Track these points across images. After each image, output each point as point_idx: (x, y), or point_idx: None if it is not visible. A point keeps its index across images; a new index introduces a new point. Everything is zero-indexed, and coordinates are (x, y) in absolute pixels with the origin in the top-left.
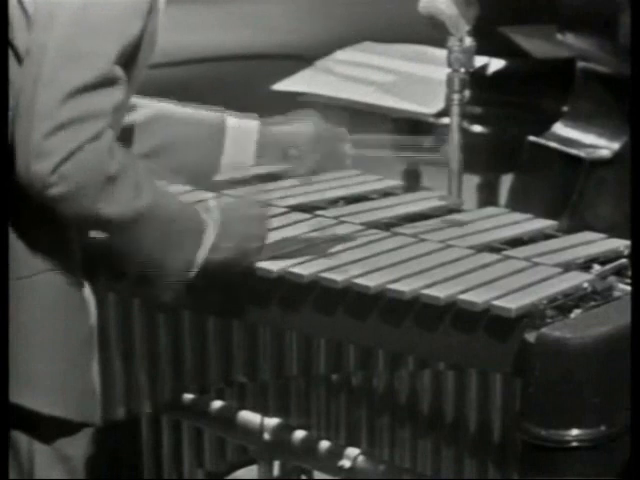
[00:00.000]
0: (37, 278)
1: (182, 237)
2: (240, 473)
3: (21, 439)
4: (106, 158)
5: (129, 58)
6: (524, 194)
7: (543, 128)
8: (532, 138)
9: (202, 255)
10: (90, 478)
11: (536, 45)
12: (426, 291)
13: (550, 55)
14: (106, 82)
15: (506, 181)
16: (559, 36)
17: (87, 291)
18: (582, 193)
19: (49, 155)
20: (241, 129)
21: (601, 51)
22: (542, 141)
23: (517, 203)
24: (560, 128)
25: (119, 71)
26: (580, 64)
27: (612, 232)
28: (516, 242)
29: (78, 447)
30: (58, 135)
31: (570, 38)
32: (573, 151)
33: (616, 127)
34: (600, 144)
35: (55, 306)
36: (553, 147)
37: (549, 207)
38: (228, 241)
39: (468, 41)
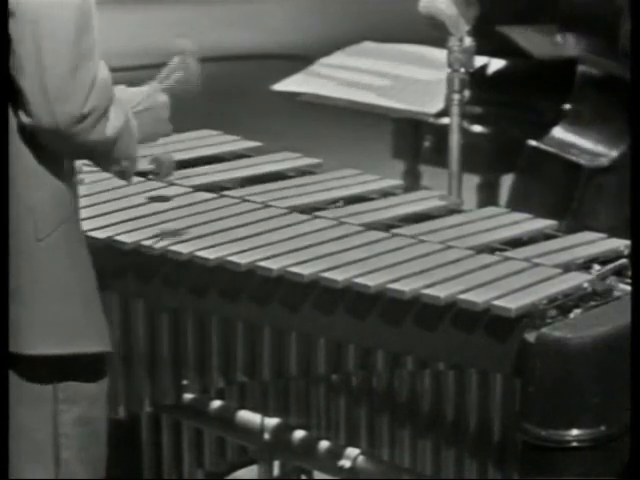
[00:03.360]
0: (57, 233)
1: (132, 127)
2: (240, 473)
3: (45, 407)
4: (109, 82)
5: None
6: (524, 198)
7: (543, 129)
8: (532, 142)
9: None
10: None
11: (536, 45)
12: (426, 291)
13: (550, 55)
14: (90, 19)
15: (506, 181)
16: (559, 37)
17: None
18: (581, 200)
19: (73, 95)
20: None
21: (601, 54)
22: (542, 146)
23: (517, 207)
24: (560, 132)
25: (93, 6)
26: (580, 67)
27: (612, 237)
28: (516, 242)
29: (99, 408)
30: (76, 75)
31: (570, 40)
32: (572, 157)
33: (615, 133)
34: (599, 151)
35: (75, 253)
36: (552, 152)
37: (549, 211)
38: (147, 128)
39: (468, 41)
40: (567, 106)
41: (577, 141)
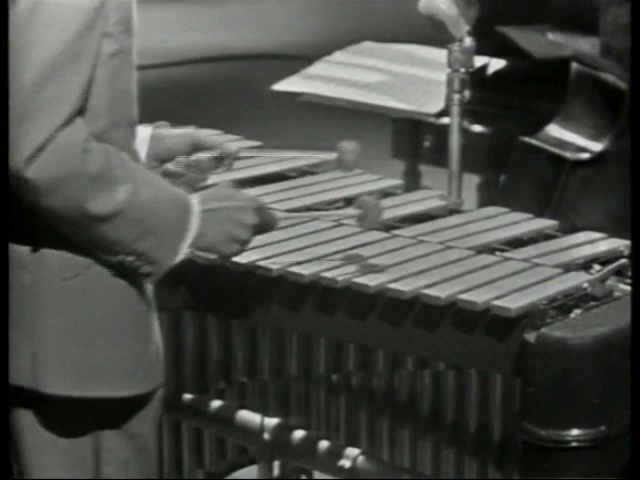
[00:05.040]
0: (86, 274)
1: (164, 226)
2: (240, 473)
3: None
4: (82, 150)
5: (96, 27)
6: (514, 193)
7: (542, 128)
8: (523, 138)
9: (186, 243)
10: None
11: (536, 45)
12: (426, 291)
13: (550, 55)
14: (66, 62)
15: None
16: (550, 35)
17: None
18: (564, 192)
19: (20, 148)
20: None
21: (592, 51)
22: (532, 141)
23: (506, 202)
24: (553, 129)
25: (81, 46)
26: (574, 66)
27: (595, 231)
28: (516, 242)
29: (147, 425)
30: (26, 126)
31: (560, 38)
32: (557, 151)
33: (601, 128)
34: (585, 145)
35: (110, 294)
36: (540, 147)
37: (537, 205)
38: (213, 231)
39: (468, 41)
40: (561, 107)
41: (567, 137)
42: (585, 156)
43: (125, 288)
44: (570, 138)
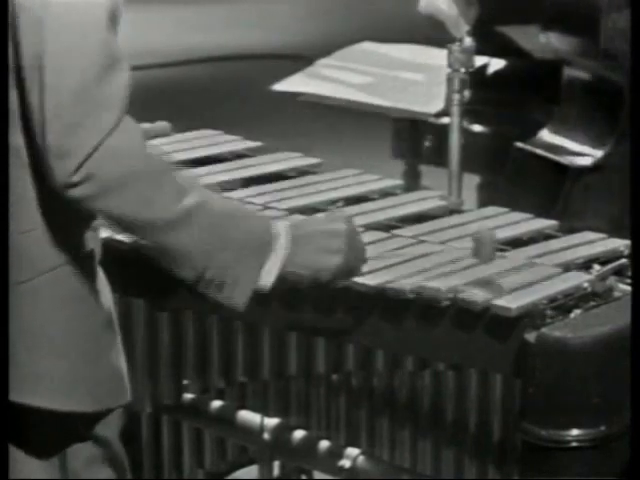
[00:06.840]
0: (39, 280)
1: (243, 239)
2: (240, 473)
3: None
4: (135, 152)
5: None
6: (511, 199)
7: (539, 132)
8: (518, 144)
9: (274, 262)
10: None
11: (536, 45)
12: (426, 290)
13: (551, 55)
14: (109, 67)
15: None
16: (542, 37)
17: (100, 278)
18: (567, 200)
19: (70, 155)
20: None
21: (585, 55)
22: (528, 147)
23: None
24: (547, 134)
25: (119, 51)
26: (566, 70)
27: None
28: (516, 242)
29: (105, 428)
30: (76, 132)
31: (554, 39)
32: (558, 158)
33: (601, 133)
34: (584, 151)
35: (61, 304)
36: (538, 153)
37: (535, 213)
38: (301, 257)
39: (468, 41)
40: (554, 112)
41: (563, 142)
42: (586, 162)
43: (78, 302)
44: (567, 144)
